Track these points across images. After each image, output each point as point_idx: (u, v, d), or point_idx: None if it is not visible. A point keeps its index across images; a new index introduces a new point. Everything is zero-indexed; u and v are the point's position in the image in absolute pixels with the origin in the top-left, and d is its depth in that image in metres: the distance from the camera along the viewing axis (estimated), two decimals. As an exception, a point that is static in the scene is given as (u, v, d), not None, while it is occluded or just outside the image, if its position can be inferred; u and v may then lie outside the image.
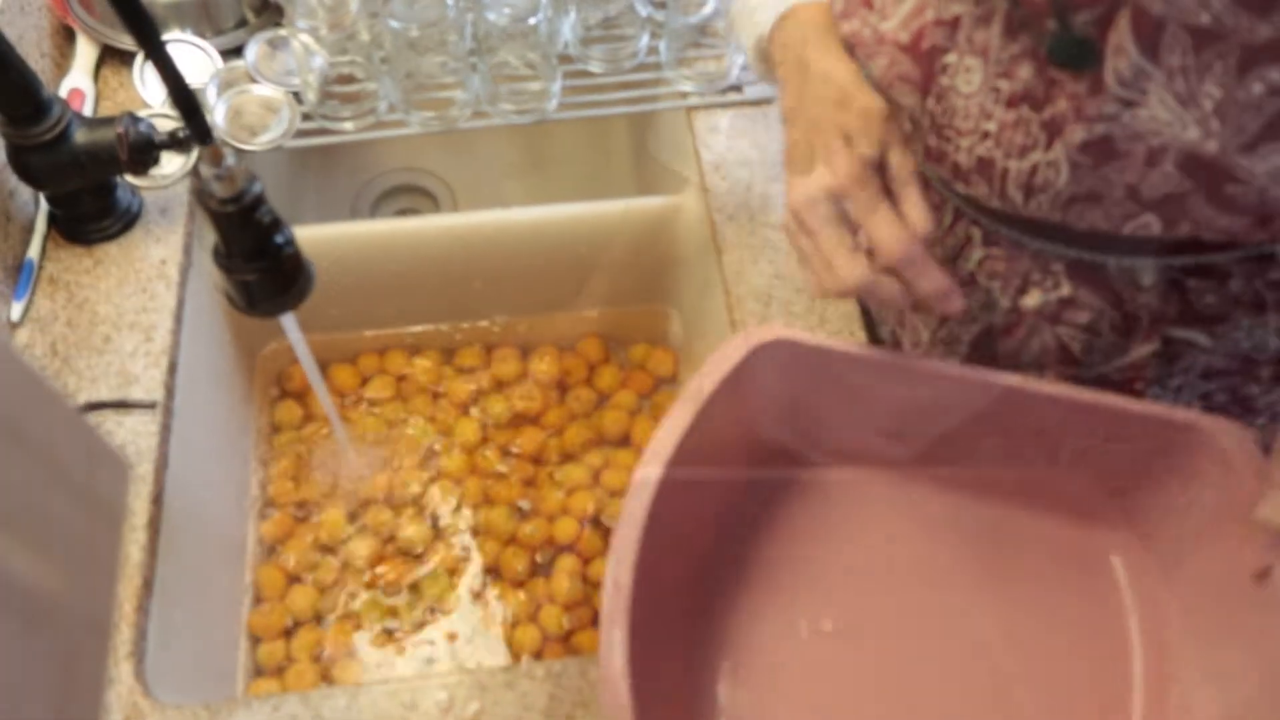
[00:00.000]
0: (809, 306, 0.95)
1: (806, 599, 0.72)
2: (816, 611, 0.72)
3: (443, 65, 1.00)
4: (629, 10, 1.08)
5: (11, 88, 0.83)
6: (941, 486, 0.77)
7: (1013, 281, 0.77)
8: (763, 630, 0.71)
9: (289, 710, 0.74)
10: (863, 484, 0.77)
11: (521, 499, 1.04)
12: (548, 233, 1.09)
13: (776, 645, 0.71)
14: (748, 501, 0.75)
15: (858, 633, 0.72)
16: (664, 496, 0.62)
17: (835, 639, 0.71)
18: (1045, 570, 0.75)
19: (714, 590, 0.72)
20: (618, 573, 0.59)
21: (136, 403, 0.86)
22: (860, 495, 0.76)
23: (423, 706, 0.75)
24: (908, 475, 0.76)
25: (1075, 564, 0.75)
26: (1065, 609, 0.74)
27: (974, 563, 0.75)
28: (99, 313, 0.91)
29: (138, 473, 0.83)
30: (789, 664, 0.70)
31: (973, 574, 0.74)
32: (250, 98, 1.02)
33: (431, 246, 1.08)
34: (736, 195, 1.01)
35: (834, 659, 0.71)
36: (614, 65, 1.08)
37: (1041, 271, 0.76)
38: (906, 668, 0.71)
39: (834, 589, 0.73)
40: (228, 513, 1.00)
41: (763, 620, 0.71)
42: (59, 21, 1.07)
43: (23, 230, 0.94)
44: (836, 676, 0.70)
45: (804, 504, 0.76)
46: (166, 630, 0.81)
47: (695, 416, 0.64)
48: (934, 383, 0.70)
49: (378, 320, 1.14)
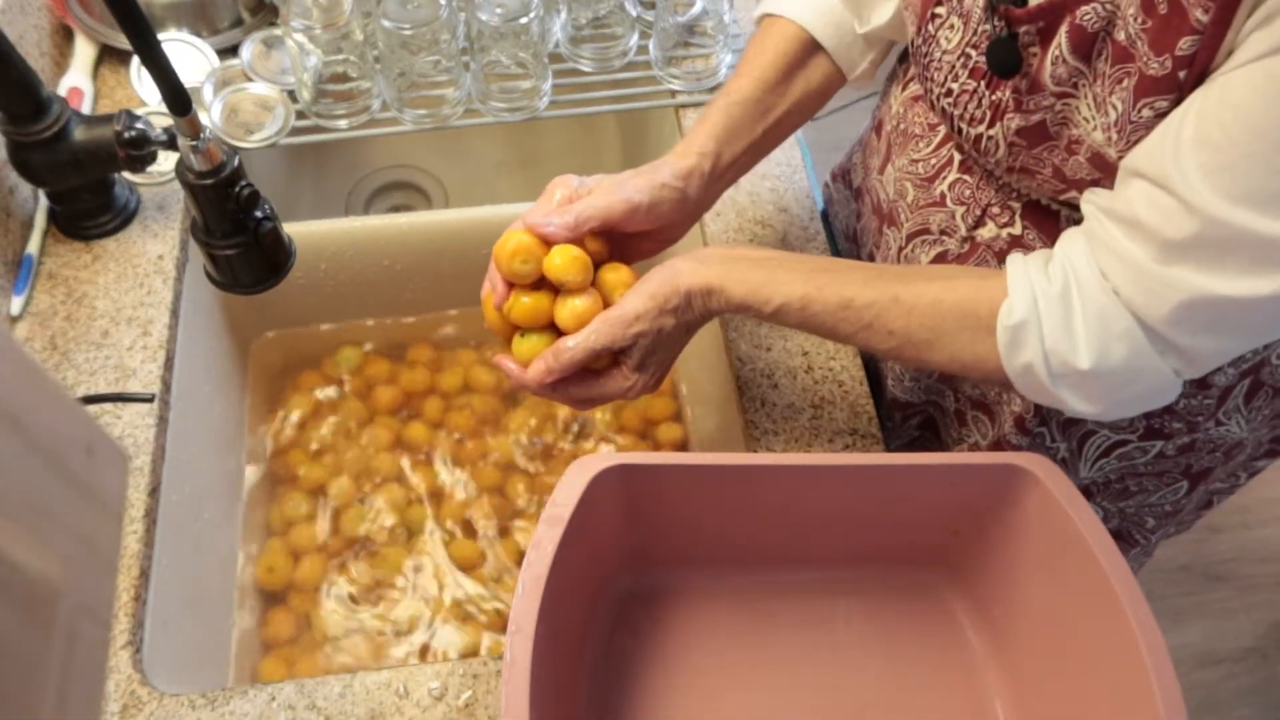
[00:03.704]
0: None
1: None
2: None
3: (435, 64, 1.02)
4: (619, 10, 1.09)
5: (11, 86, 0.84)
6: (789, 568, 0.82)
7: (974, 210, 0.81)
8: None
9: (284, 698, 0.75)
10: (710, 580, 0.81)
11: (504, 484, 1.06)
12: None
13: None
14: (616, 609, 0.80)
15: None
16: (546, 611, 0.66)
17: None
18: (900, 630, 0.81)
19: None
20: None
21: (134, 396, 0.87)
22: (710, 591, 0.81)
23: (415, 695, 0.76)
24: (750, 564, 0.82)
25: (928, 618, 0.82)
26: (926, 660, 0.81)
27: (830, 639, 0.81)
28: (97, 307, 0.93)
29: (135, 465, 0.85)
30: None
31: (831, 648, 0.80)
32: (245, 96, 1.03)
33: (424, 242, 1.09)
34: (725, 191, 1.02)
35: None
36: (604, 64, 1.09)
37: (1000, 206, 0.79)
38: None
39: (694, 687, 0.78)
40: (223, 503, 1.01)
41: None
42: (58, 21, 1.09)
43: (22, 226, 0.95)
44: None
45: (669, 604, 0.81)
46: (163, 620, 0.82)
47: (562, 537, 0.67)
48: (759, 475, 0.75)
49: (371, 314, 1.15)
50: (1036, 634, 0.76)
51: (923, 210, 0.85)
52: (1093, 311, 0.65)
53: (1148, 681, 0.64)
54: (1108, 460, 0.90)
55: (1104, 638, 0.68)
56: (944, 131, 0.82)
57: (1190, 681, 1.71)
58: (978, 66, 0.72)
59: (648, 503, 0.75)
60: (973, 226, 0.81)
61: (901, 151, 0.87)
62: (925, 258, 0.86)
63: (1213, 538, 1.86)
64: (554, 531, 0.67)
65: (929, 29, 0.76)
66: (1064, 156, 0.69)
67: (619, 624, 0.79)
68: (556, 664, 0.68)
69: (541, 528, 0.68)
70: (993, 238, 0.80)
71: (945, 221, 0.83)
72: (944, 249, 0.84)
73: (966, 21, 0.72)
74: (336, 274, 1.10)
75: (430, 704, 0.76)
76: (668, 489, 0.75)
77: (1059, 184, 0.72)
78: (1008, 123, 0.71)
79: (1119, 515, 0.99)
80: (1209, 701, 1.70)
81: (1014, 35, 0.67)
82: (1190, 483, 0.94)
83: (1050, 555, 0.73)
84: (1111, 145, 0.65)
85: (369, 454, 1.07)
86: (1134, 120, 0.63)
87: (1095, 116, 0.65)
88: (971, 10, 0.71)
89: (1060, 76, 0.65)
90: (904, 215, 0.87)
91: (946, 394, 0.95)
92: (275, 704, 0.75)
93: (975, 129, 0.74)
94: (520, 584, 0.65)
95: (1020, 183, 0.75)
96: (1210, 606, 1.80)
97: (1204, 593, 1.81)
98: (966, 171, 0.81)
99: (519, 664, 0.62)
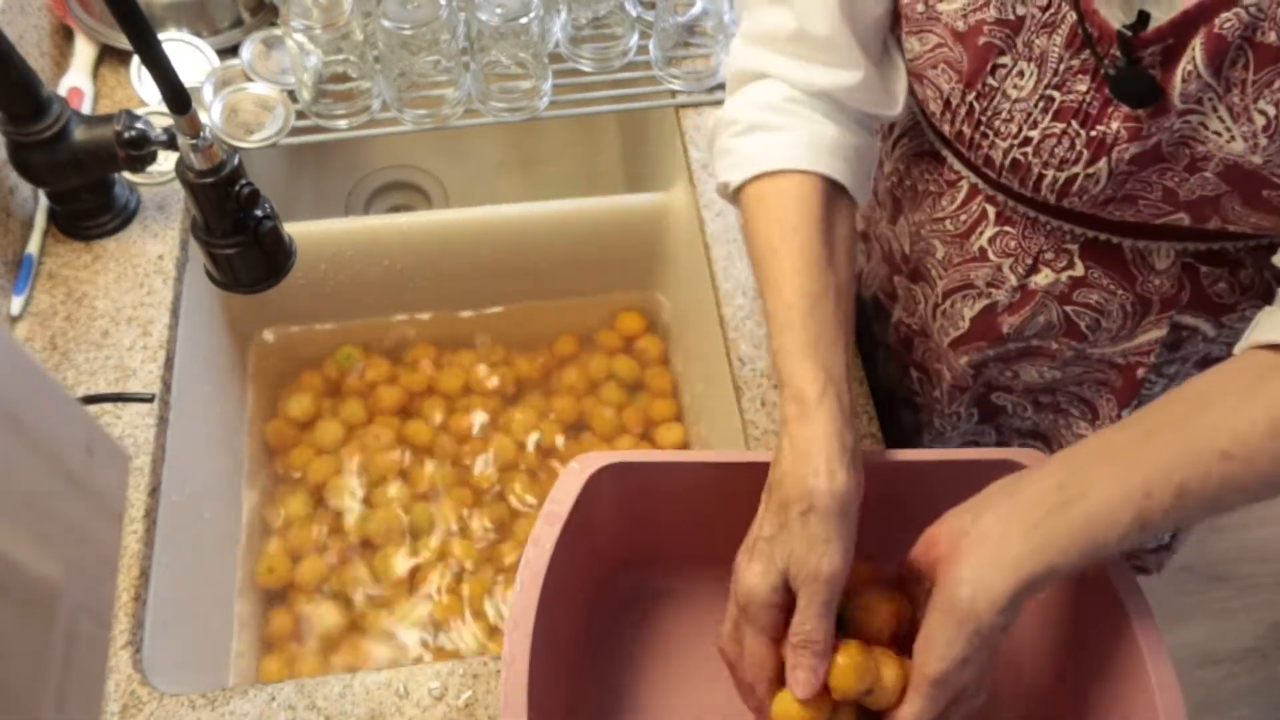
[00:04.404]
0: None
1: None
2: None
3: (435, 64, 1.01)
4: (619, 10, 1.09)
5: (12, 86, 0.84)
6: None
7: (1023, 260, 0.77)
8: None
9: (284, 698, 0.75)
10: (709, 579, 0.79)
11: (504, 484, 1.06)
12: (538, 229, 1.10)
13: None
14: (615, 607, 0.80)
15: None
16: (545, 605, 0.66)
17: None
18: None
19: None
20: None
21: (134, 396, 0.87)
22: (709, 590, 0.80)
23: (415, 695, 0.76)
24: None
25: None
26: None
27: None
28: (97, 307, 0.93)
29: (135, 464, 0.85)
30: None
31: None
32: (246, 96, 1.03)
33: (424, 243, 1.09)
34: (725, 192, 1.03)
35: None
36: (604, 64, 1.09)
37: (1055, 250, 0.75)
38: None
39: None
40: (223, 503, 1.01)
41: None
42: (58, 21, 1.09)
43: (22, 226, 0.95)
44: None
45: (667, 603, 0.80)
46: (164, 620, 0.82)
47: (559, 535, 0.67)
48: (758, 472, 0.72)
49: (372, 314, 1.15)
50: (1035, 633, 0.76)
51: (959, 267, 0.81)
52: None
53: (1147, 681, 0.64)
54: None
55: (1103, 636, 0.68)
56: (967, 186, 0.78)
57: (1190, 681, 1.71)
58: (1065, 106, 0.66)
59: (646, 500, 0.75)
60: (1025, 275, 0.78)
61: (915, 208, 0.83)
62: (969, 312, 0.82)
63: (1214, 537, 1.85)
64: (552, 529, 0.67)
65: (990, 82, 0.68)
66: (1182, 176, 0.65)
67: (617, 622, 0.79)
68: (555, 661, 0.68)
69: (539, 525, 0.68)
70: (1050, 283, 0.77)
71: (990, 275, 0.79)
72: (991, 301, 0.81)
73: (1042, 65, 0.66)
74: (337, 274, 1.10)
75: (430, 704, 0.76)
76: (666, 487, 0.75)
77: (1166, 207, 0.67)
78: (1120, 154, 0.65)
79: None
80: (1209, 701, 1.70)
81: (1134, 61, 0.61)
82: None
83: None
84: (1258, 153, 0.61)
85: (369, 454, 1.07)
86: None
87: (1233, 127, 0.61)
88: (1047, 52, 0.65)
89: (1190, 94, 0.60)
90: (935, 272, 0.84)
91: (987, 432, 0.95)
92: (275, 704, 0.75)
93: (1065, 171, 0.68)
94: (518, 581, 0.65)
95: (1111, 215, 0.70)
96: (1211, 606, 1.80)
97: (1204, 592, 1.81)
98: (1006, 223, 0.77)
99: (517, 661, 0.62)
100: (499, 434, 1.09)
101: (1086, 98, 0.65)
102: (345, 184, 1.35)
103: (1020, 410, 0.90)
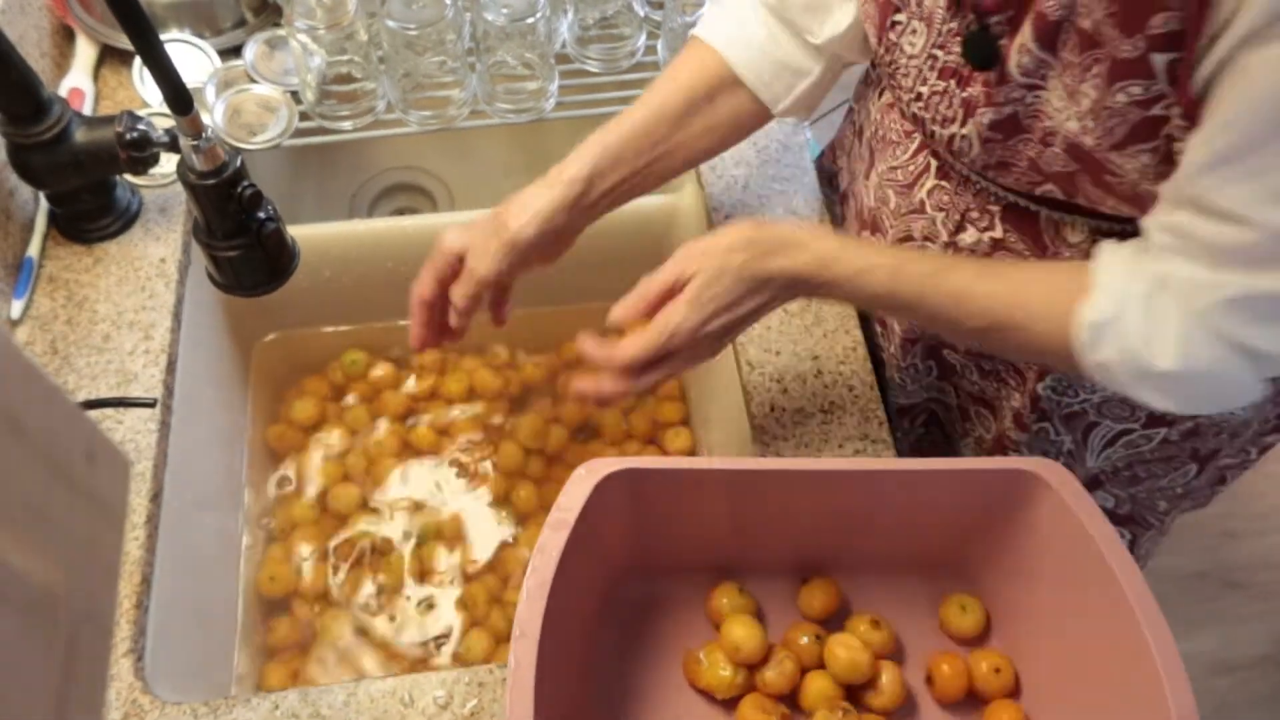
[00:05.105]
0: (804, 305, 0.96)
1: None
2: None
3: (441, 65, 1.01)
4: (626, 10, 1.09)
5: (12, 87, 0.83)
6: (797, 574, 0.81)
7: (953, 216, 0.81)
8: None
9: (288, 707, 0.74)
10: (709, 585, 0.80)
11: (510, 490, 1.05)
12: (545, 232, 1.09)
13: None
14: (623, 615, 0.79)
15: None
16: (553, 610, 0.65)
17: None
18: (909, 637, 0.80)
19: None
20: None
21: (136, 401, 0.86)
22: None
23: (420, 703, 0.75)
24: (757, 570, 0.81)
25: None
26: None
27: None
28: (98, 311, 0.92)
29: (137, 470, 0.84)
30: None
31: None
32: (249, 97, 1.02)
33: (429, 245, 1.08)
34: (733, 193, 1.02)
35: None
36: (611, 65, 1.08)
37: (980, 210, 0.79)
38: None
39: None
40: (226, 509, 1.00)
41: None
42: (59, 21, 1.08)
43: (23, 229, 0.94)
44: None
45: (675, 611, 0.80)
46: (166, 627, 0.81)
47: (566, 543, 0.67)
48: (766, 479, 0.74)
49: (376, 317, 1.14)
50: (1048, 640, 0.75)
51: (905, 218, 0.85)
52: (1176, 314, 0.63)
53: (1160, 688, 0.63)
54: (1113, 449, 0.89)
55: (1117, 644, 0.68)
56: (919, 139, 0.82)
57: (1203, 688, 1.70)
58: (946, 66, 0.72)
59: (654, 507, 0.74)
60: (954, 232, 0.81)
61: (881, 158, 0.87)
62: None
63: (1229, 544, 1.84)
64: (559, 536, 0.66)
65: (890, 37, 0.76)
66: (1039, 149, 0.69)
67: (625, 630, 0.78)
68: (561, 669, 0.67)
69: (546, 532, 0.67)
70: (974, 242, 0.80)
71: (927, 228, 0.83)
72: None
73: (929, 24, 0.72)
74: (340, 277, 1.09)
75: (435, 712, 0.75)
76: (674, 493, 0.74)
77: (1036, 176, 0.72)
78: (980, 118, 0.71)
79: (1130, 501, 0.99)
80: (1222, 709, 1.69)
81: (985, 27, 0.68)
82: (1199, 464, 0.93)
83: (1061, 561, 0.72)
84: (1088, 134, 0.65)
85: (373, 459, 1.06)
86: (1109, 106, 0.62)
87: (1068, 106, 0.65)
88: (933, 12, 0.71)
89: (1027, 67, 0.66)
90: (888, 222, 0.87)
91: (948, 390, 0.95)
92: (279, 713, 0.74)
93: (948, 129, 0.74)
94: (525, 589, 0.64)
95: (998, 179, 0.75)
96: (1224, 613, 1.79)
97: (1218, 599, 1.80)
98: (944, 178, 0.81)
99: (523, 669, 0.62)
100: (505, 439, 1.08)
101: (959, 60, 0.71)
102: (349, 186, 1.34)
103: (968, 373, 0.92)
